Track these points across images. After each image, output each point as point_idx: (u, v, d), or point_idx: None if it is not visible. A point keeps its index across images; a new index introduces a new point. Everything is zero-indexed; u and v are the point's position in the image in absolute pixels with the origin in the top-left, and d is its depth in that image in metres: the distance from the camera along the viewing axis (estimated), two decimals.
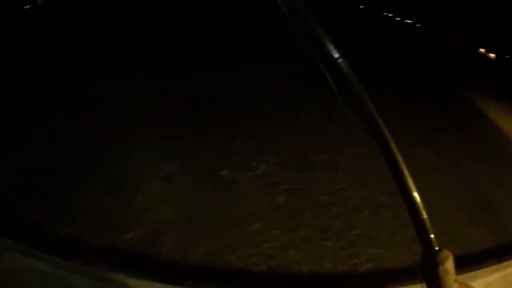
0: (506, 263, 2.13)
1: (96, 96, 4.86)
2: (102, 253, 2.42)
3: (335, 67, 0.75)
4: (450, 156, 3.73)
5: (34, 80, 5.35)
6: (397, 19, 9.94)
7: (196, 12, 8.92)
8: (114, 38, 7.59)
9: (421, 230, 0.73)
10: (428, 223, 0.73)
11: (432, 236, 0.74)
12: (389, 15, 10.32)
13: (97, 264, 2.18)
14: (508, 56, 6.28)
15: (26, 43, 6.87)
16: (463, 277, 1.72)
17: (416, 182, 0.79)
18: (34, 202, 2.88)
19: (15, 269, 2.11)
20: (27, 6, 8.10)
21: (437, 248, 0.74)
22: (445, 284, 0.71)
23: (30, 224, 2.59)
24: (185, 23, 8.31)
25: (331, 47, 0.75)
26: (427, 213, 0.77)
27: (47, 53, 6.49)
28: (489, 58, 6.56)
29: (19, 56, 6.36)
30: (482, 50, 6.72)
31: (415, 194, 0.73)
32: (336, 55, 0.74)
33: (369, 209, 2.95)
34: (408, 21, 9.51)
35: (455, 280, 0.73)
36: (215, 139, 4.00)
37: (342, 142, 3.84)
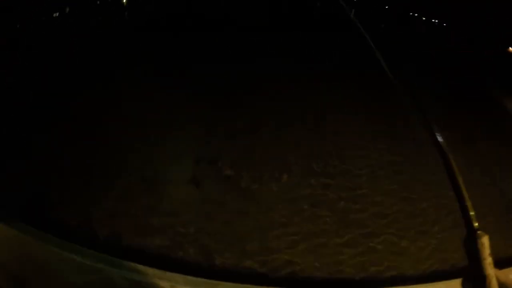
0: None
1: (98, 96, 4.87)
2: (136, 249, 2.58)
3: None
4: (480, 163, 3.82)
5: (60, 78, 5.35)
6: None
7: (196, 12, 8.96)
8: (114, 38, 7.58)
9: (465, 212, 0.93)
10: (470, 207, 0.92)
11: (472, 217, 0.92)
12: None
13: (132, 259, 2.29)
14: None
15: (26, 43, 6.86)
16: None
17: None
18: (73, 199, 3.02)
19: (55, 262, 2.25)
20: (56, 14, 8.05)
21: (476, 228, 0.93)
22: (482, 255, 0.90)
23: (68, 220, 2.75)
24: (185, 23, 8.34)
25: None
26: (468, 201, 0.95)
27: (48, 53, 6.48)
28: None
29: (19, 56, 6.36)
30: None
31: (461, 184, 0.91)
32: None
33: (391, 216, 3.06)
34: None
35: (489, 254, 0.93)
36: (234, 142, 4.00)
37: (365, 146, 3.92)
